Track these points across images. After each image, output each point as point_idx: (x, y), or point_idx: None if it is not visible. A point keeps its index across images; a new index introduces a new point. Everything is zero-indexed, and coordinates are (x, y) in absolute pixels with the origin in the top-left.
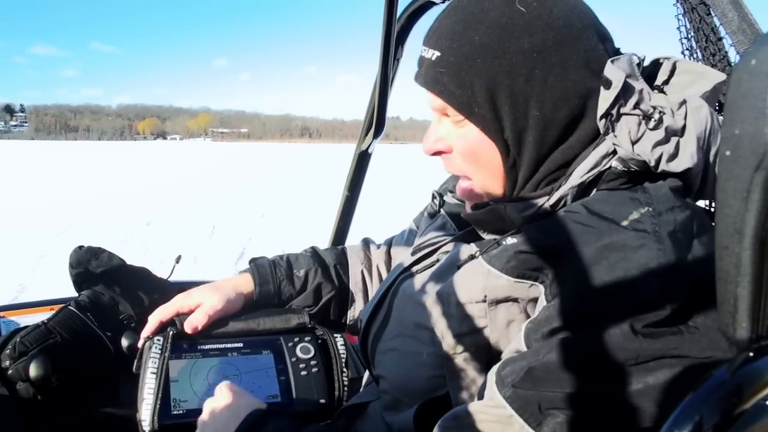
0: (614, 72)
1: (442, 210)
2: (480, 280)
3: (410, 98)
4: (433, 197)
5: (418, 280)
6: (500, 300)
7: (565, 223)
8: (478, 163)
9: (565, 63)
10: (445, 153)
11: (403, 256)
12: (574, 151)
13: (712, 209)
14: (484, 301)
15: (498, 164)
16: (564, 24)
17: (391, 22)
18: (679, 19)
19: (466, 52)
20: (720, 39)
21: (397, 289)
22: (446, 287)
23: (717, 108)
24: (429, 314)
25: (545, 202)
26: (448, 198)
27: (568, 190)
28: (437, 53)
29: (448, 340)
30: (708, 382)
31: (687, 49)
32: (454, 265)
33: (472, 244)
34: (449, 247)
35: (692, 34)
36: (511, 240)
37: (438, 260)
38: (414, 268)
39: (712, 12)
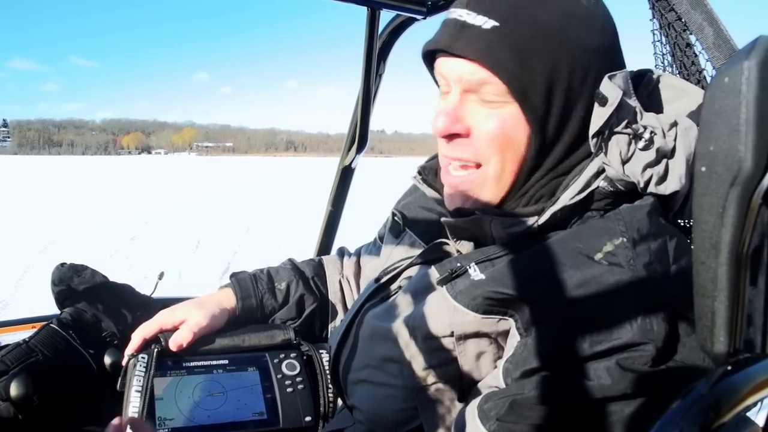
0: (611, 89)
1: (407, 229)
2: (446, 316)
3: (396, 112)
4: (394, 215)
5: (382, 311)
6: (469, 335)
7: (538, 261)
8: (505, 151)
9: (610, 69)
10: (460, 136)
11: (369, 270)
12: (572, 162)
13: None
14: (452, 335)
15: (521, 158)
16: (612, 31)
17: (373, 38)
18: (654, 35)
19: (530, 31)
20: (696, 55)
21: (362, 320)
22: (411, 320)
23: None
24: (395, 347)
25: (534, 222)
26: (418, 182)
27: (558, 211)
28: (494, 22)
29: (417, 373)
30: (686, 397)
31: (661, 63)
32: (417, 294)
33: (433, 268)
34: (411, 271)
35: (668, 49)
36: (476, 270)
37: (400, 287)
38: (377, 297)
39: (688, 28)
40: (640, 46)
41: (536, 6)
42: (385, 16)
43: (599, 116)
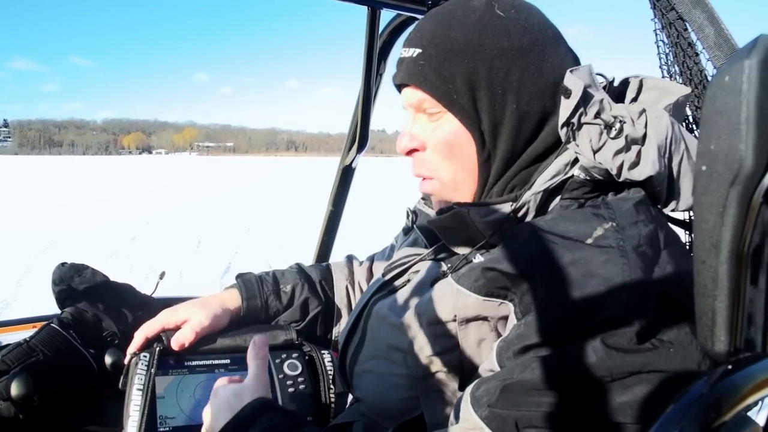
0: (573, 81)
1: (415, 226)
2: (449, 300)
3: (396, 111)
4: (408, 214)
5: (390, 302)
6: (470, 319)
7: (531, 243)
8: (452, 156)
9: (541, 63)
10: (418, 151)
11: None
12: (537, 151)
13: (689, 221)
14: (455, 320)
15: (472, 157)
16: (539, 30)
17: (374, 38)
18: (656, 34)
19: (447, 48)
20: (697, 54)
21: (370, 311)
22: (417, 308)
23: (690, 122)
24: (401, 335)
25: (510, 208)
26: (422, 206)
27: (531, 197)
28: (418, 50)
29: (420, 361)
30: (687, 396)
31: (665, 63)
32: (425, 285)
33: (442, 263)
34: (419, 266)
35: (670, 48)
36: (478, 258)
37: (409, 280)
38: (386, 289)
39: (689, 27)
40: (642, 46)
41: (451, 27)
42: (386, 16)
43: (565, 108)
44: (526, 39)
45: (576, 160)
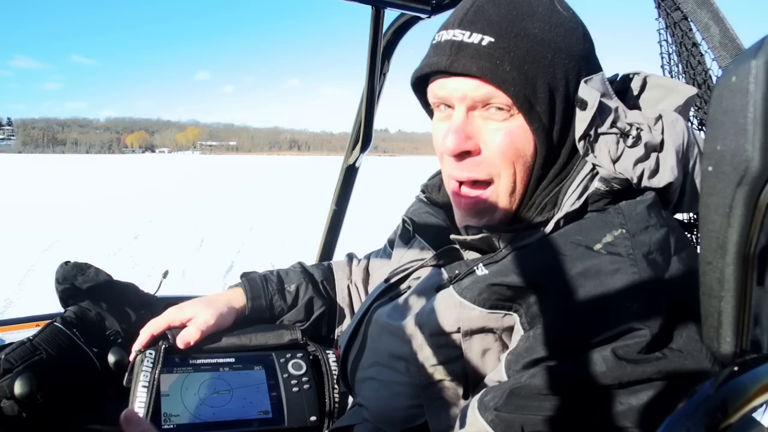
0: (589, 92)
1: (416, 235)
2: (453, 312)
3: (399, 111)
4: (404, 222)
5: (391, 309)
6: (474, 331)
7: (540, 254)
8: (515, 162)
9: (591, 74)
10: (472, 154)
11: (379, 275)
12: (559, 166)
13: (692, 221)
14: (458, 331)
15: (530, 165)
16: (590, 39)
17: (378, 37)
18: (660, 34)
19: (526, 43)
20: (702, 54)
21: (371, 318)
22: (419, 317)
23: (700, 123)
24: (403, 344)
25: (541, 234)
26: (423, 202)
27: (562, 218)
28: (489, 38)
29: (423, 370)
30: (693, 398)
31: (667, 63)
32: (426, 293)
33: (443, 270)
34: (421, 272)
35: (674, 48)
36: (482, 270)
37: (409, 287)
38: (386, 296)
39: (693, 27)
40: (646, 45)
41: (526, 19)
42: (390, 15)
43: (582, 120)
44: (587, 47)
45: (595, 173)
